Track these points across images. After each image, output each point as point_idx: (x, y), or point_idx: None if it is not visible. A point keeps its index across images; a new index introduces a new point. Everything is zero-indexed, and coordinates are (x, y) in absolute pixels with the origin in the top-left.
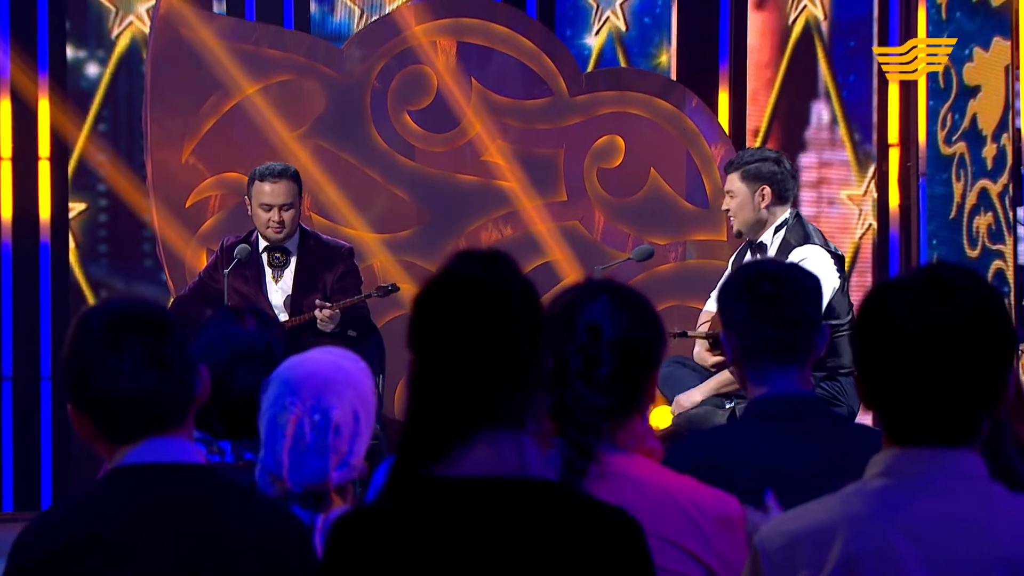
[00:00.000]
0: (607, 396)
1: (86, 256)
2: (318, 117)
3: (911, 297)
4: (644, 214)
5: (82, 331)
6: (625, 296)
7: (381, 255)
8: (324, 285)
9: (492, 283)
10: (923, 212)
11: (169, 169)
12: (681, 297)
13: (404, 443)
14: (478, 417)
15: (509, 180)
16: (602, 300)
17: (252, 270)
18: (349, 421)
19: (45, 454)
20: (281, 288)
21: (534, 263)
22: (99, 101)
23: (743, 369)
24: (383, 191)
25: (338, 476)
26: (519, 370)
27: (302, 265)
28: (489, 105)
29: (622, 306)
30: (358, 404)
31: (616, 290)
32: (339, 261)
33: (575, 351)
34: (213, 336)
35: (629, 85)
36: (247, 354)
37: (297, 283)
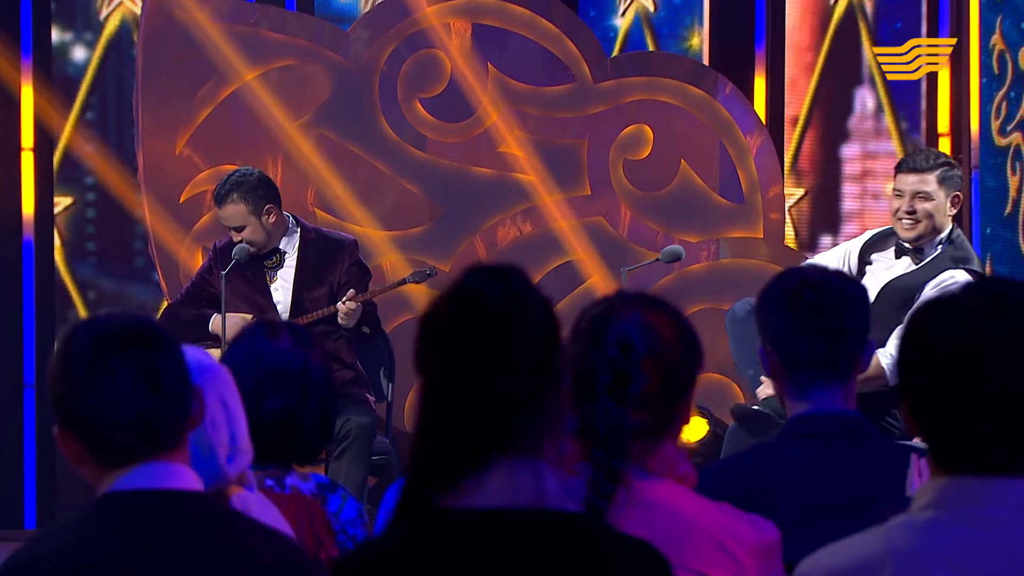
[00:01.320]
0: (638, 416)
1: (72, 255)
2: (322, 105)
3: (959, 312)
4: (674, 209)
5: (68, 349)
6: (660, 310)
7: (390, 254)
8: (331, 281)
9: (505, 300)
10: (975, 208)
11: (162, 161)
12: (713, 299)
13: (413, 473)
14: (492, 445)
15: (528, 173)
16: (634, 313)
17: (252, 271)
18: (220, 410)
19: (29, 467)
20: (278, 288)
21: (555, 262)
22: (86, 88)
23: (782, 384)
24: (392, 185)
25: (234, 468)
26: (535, 393)
27: (304, 262)
28: (506, 92)
29: (656, 321)
30: (219, 388)
31: (650, 303)
32: (344, 255)
33: (605, 366)
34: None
35: (658, 70)
36: (280, 375)
37: (299, 280)
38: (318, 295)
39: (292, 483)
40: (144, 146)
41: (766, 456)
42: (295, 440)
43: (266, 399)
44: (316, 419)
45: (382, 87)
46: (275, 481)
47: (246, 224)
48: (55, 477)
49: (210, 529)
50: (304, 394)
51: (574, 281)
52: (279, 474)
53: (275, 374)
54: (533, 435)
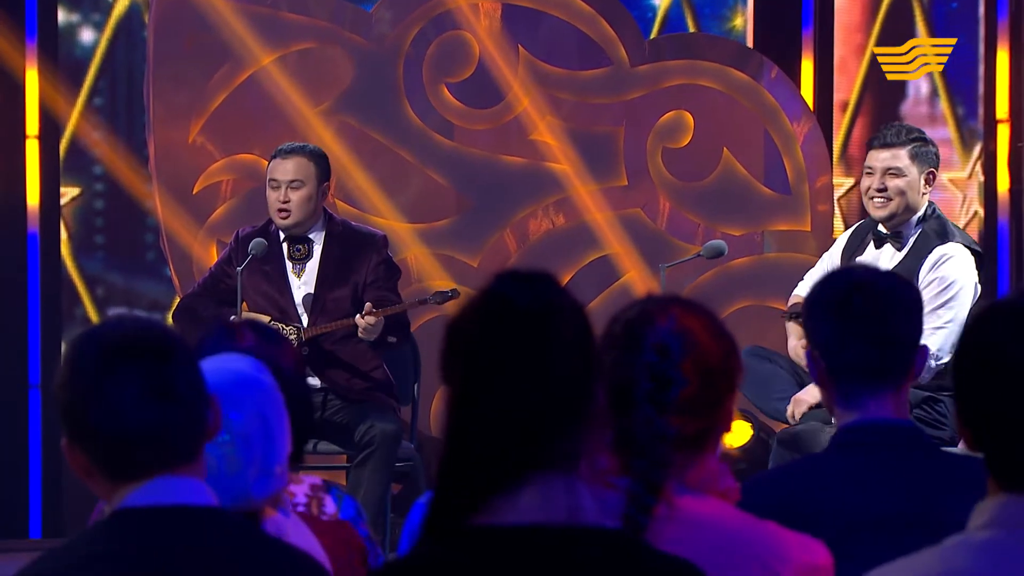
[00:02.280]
0: (680, 423)
1: (80, 248)
2: (344, 91)
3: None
4: (716, 200)
5: (75, 357)
6: (696, 313)
7: (415, 248)
8: (355, 280)
9: (537, 307)
10: None
11: (174, 150)
12: (758, 295)
13: (440, 490)
14: (524, 459)
15: (561, 162)
16: (671, 317)
17: (273, 265)
18: (257, 427)
19: (34, 472)
20: (304, 284)
21: (589, 257)
22: (94, 72)
23: (830, 393)
24: (417, 175)
25: (261, 490)
26: (569, 405)
27: (328, 256)
28: (538, 76)
29: (693, 324)
30: (262, 405)
31: (685, 306)
32: (371, 251)
33: (643, 373)
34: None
35: (699, 53)
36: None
37: (322, 277)
38: (341, 295)
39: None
40: (155, 134)
41: (812, 468)
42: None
43: None
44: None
45: (407, 71)
46: None
47: (305, 183)
48: (62, 483)
49: (227, 546)
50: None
51: (609, 277)
52: None
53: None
54: (567, 449)
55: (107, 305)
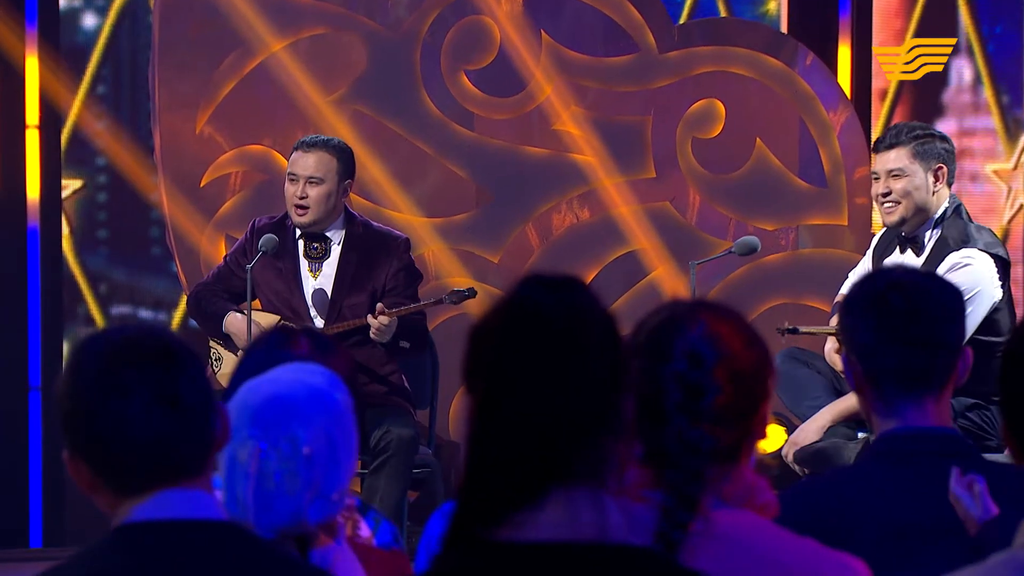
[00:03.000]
0: (713, 432)
1: (82, 244)
2: (358, 79)
3: None
4: (748, 194)
5: (77, 365)
6: (725, 317)
7: (433, 243)
8: (374, 285)
9: (564, 314)
10: None
11: (181, 140)
12: (792, 293)
13: (461, 503)
14: (549, 473)
15: (586, 153)
16: (700, 322)
17: (287, 262)
18: (323, 448)
19: (34, 478)
20: (319, 285)
21: (615, 252)
22: (97, 59)
23: (868, 399)
24: (435, 166)
25: (316, 514)
26: (597, 416)
27: (346, 258)
28: (562, 63)
29: (724, 329)
30: (332, 426)
31: (714, 310)
32: (392, 255)
33: (673, 382)
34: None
35: (730, 38)
36: None
37: (339, 280)
38: (358, 302)
39: None
40: (161, 124)
41: (850, 478)
42: None
43: None
44: None
45: (424, 58)
46: None
47: (325, 179)
48: (63, 490)
49: (238, 563)
50: None
51: (637, 273)
52: None
53: None
54: (593, 461)
55: (110, 303)
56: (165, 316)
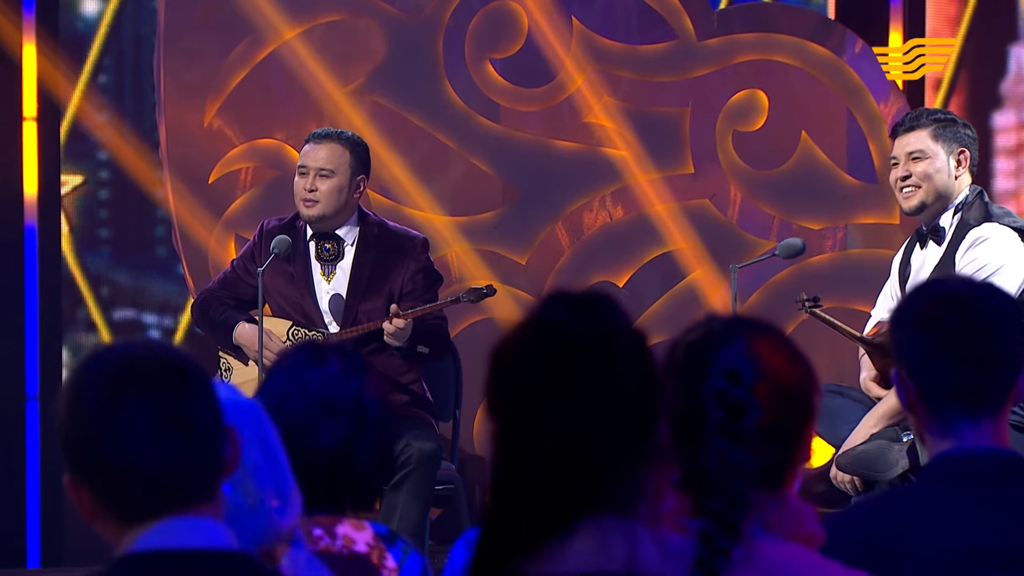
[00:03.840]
0: (756, 454)
1: (83, 243)
2: (376, 68)
3: None
4: (793, 190)
5: (79, 385)
6: (765, 333)
7: (456, 244)
8: (391, 289)
9: (593, 334)
10: None
11: (188, 134)
12: (840, 296)
13: (487, 534)
14: (577, 501)
15: (619, 147)
16: (739, 339)
17: (298, 265)
18: (259, 454)
19: (31, 493)
20: (332, 289)
21: (651, 253)
22: (98, 47)
23: (921, 418)
24: (459, 162)
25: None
26: (628, 441)
27: (361, 260)
28: (594, 51)
29: (765, 346)
30: (257, 429)
31: (754, 326)
32: (409, 256)
33: (713, 401)
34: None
35: (774, 25)
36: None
37: (353, 284)
38: (374, 307)
39: (344, 532)
40: (166, 116)
41: (903, 502)
42: (349, 482)
43: (314, 435)
44: (372, 457)
45: (447, 46)
46: (324, 530)
47: (336, 172)
48: (62, 507)
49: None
50: (358, 428)
51: (674, 276)
52: (330, 522)
53: (324, 405)
54: (625, 489)
55: (113, 307)
56: (171, 321)
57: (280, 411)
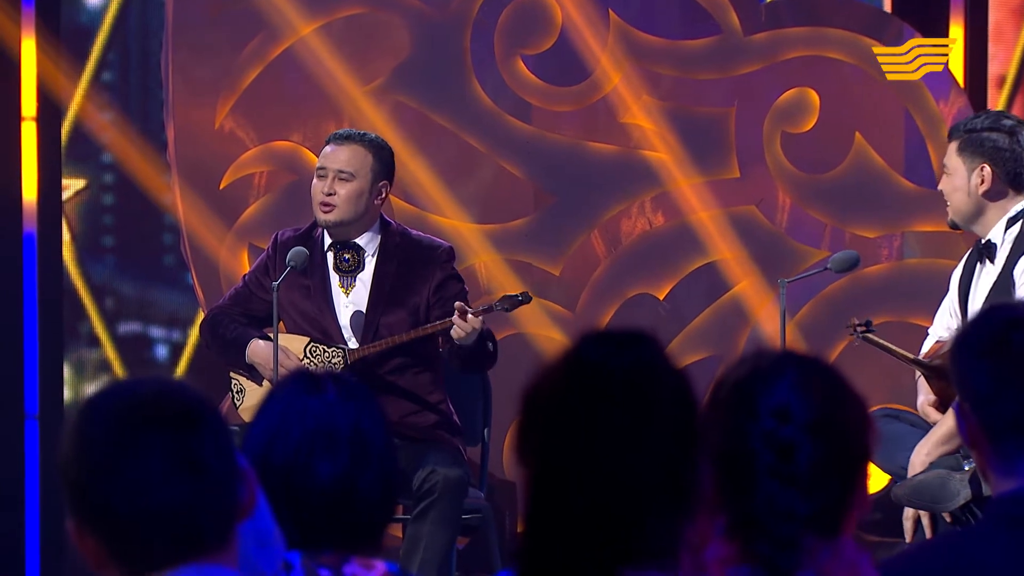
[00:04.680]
0: (808, 497)
1: (85, 251)
2: (399, 65)
3: None
4: (846, 196)
5: (85, 426)
6: (816, 369)
7: (484, 253)
8: (415, 301)
9: (633, 374)
10: None
11: (198, 135)
12: (897, 310)
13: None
14: (617, 552)
15: (659, 150)
16: (788, 375)
17: (315, 278)
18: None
19: (31, 517)
20: (352, 301)
21: (693, 264)
22: (102, 42)
23: (984, 455)
24: (487, 165)
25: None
26: (669, 489)
27: (382, 271)
28: (633, 47)
29: (815, 382)
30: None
31: (803, 362)
32: (434, 265)
33: (761, 442)
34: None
35: (826, 18)
36: (327, 436)
37: (374, 296)
38: (396, 320)
39: (352, 572)
40: (175, 116)
41: (965, 545)
42: (351, 517)
43: (312, 469)
44: (375, 490)
45: (475, 41)
46: (331, 571)
47: (357, 175)
48: (62, 530)
49: None
50: (358, 459)
51: (718, 288)
52: (335, 561)
53: (322, 436)
54: (667, 539)
55: (117, 320)
56: (179, 334)
57: (275, 445)
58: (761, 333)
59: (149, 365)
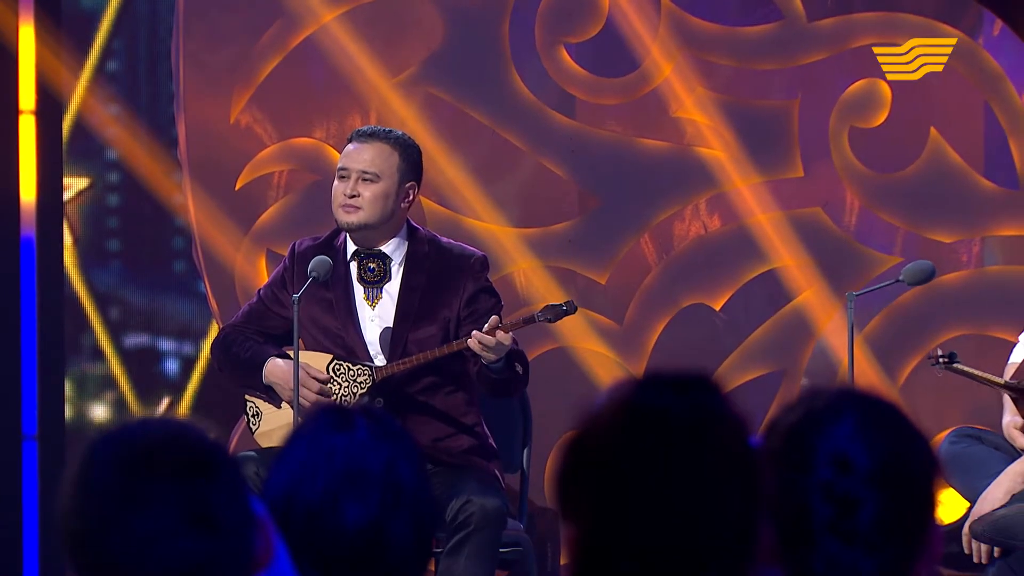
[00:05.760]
0: (873, 555)
1: (89, 256)
2: (431, 55)
3: None
4: (920, 197)
5: (86, 476)
6: (878, 410)
7: (523, 260)
8: (445, 315)
9: (693, 422)
10: None
11: (211, 131)
12: (975, 322)
13: None
14: None
15: (715, 147)
16: (847, 419)
17: (337, 290)
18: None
19: (29, 544)
20: (378, 315)
21: (752, 272)
22: (107, 29)
23: None
24: (527, 164)
25: None
26: (727, 545)
27: (410, 282)
28: (686, 34)
29: (877, 426)
30: None
31: (863, 403)
32: (466, 276)
33: (820, 495)
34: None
35: (897, 3)
36: (356, 477)
37: (402, 309)
38: (427, 335)
39: None
40: (187, 110)
41: None
42: (380, 567)
43: (340, 514)
44: (407, 538)
45: (514, 29)
46: None
47: (382, 176)
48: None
49: None
50: (390, 504)
51: (779, 298)
52: None
53: (351, 477)
54: None
55: (123, 332)
56: (191, 348)
57: (299, 488)
58: (826, 348)
59: (157, 381)
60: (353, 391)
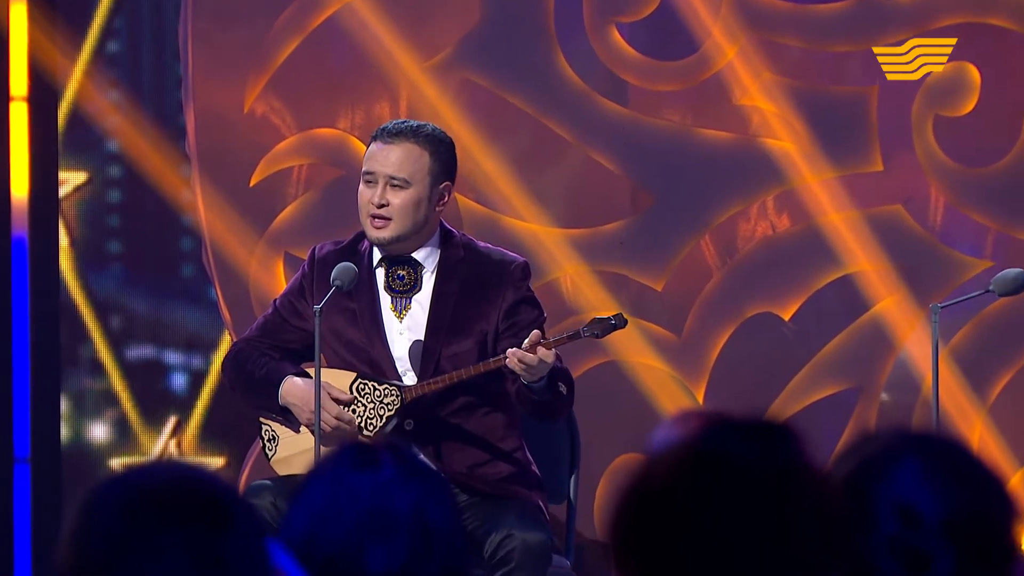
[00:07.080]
0: None
1: (87, 258)
2: (467, 36)
3: None
4: (1013, 194)
5: (88, 523)
6: (943, 451)
7: (569, 264)
8: (482, 328)
9: (767, 472)
10: None
11: (223, 121)
12: None
13: None
14: None
15: (783, 138)
16: (910, 464)
17: (362, 300)
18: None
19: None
20: (407, 328)
21: (825, 277)
22: (106, 8)
23: None
24: (574, 156)
25: None
26: None
27: (442, 291)
28: (751, 13)
29: (944, 469)
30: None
31: (924, 444)
32: (505, 285)
33: (884, 550)
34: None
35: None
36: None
37: (434, 321)
38: (462, 350)
39: None
40: (196, 98)
41: None
42: None
43: (365, 557)
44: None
45: (560, 7)
46: None
47: (412, 181)
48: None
49: None
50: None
51: (855, 306)
52: None
53: (377, 520)
54: None
55: (125, 343)
56: (200, 361)
57: (320, 531)
58: (908, 362)
59: (163, 398)
60: (380, 413)
